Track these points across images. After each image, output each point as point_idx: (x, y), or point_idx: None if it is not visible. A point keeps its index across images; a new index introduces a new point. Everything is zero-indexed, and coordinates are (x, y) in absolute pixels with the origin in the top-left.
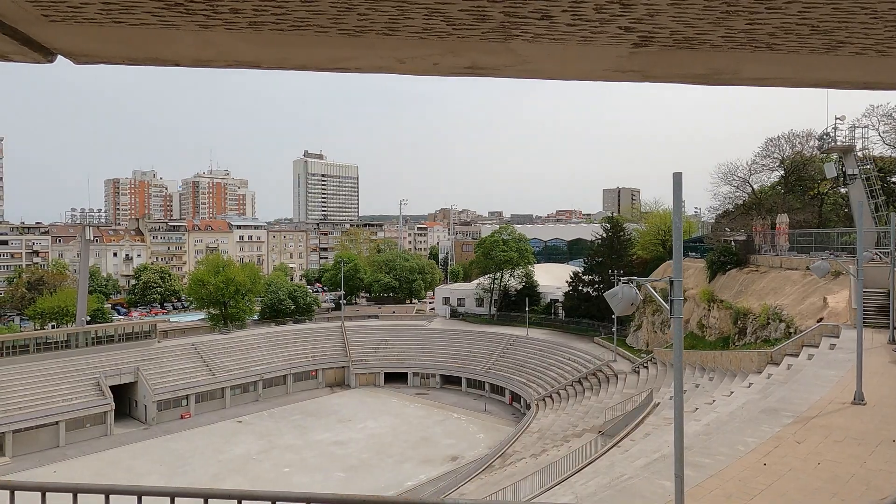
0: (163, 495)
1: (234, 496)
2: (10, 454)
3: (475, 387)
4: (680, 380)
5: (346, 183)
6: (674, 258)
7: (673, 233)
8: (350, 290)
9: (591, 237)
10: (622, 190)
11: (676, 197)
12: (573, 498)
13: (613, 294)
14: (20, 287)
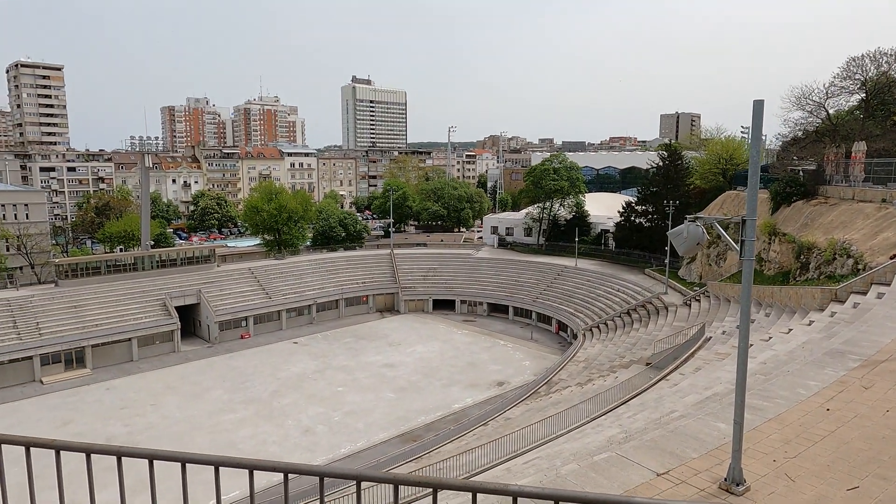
0: (173, 460)
1: (244, 465)
2: (90, 366)
3: (522, 315)
4: (747, 324)
5: (394, 109)
6: (748, 195)
7: (750, 167)
8: (399, 218)
9: (645, 165)
10: (681, 115)
11: (756, 127)
12: (619, 431)
13: (678, 233)
14: (89, 212)
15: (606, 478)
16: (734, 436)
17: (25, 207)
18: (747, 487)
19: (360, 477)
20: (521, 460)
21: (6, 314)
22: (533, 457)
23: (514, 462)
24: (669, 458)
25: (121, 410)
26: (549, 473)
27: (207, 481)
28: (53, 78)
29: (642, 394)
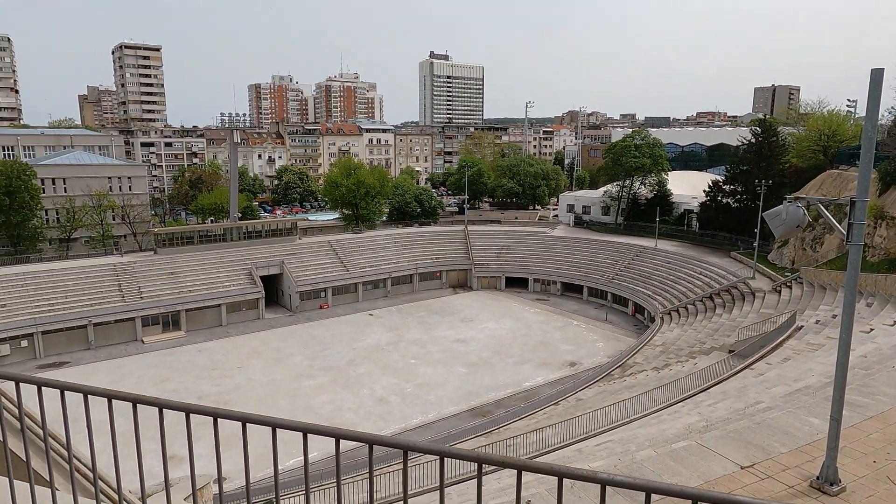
0: (264, 424)
1: (331, 434)
2: (184, 329)
3: (597, 296)
4: (851, 313)
5: (471, 85)
6: (860, 174)
7: (863, 143)
8: (473, 195)
9: (735, 142)
10: (778, 88)
11: (873, 98)
12: (699, 419)
13: (775, 214)
14: (184, 185)
15: (686, 467)
16: (830, 432)
17: (129, 180)
18: (842, 488)
19: (444, 453)
20: (593, 442)
21: (112, 278)
22: (605, 440)
23: (585, 444)
24: (755, 450)
25: (211, 371)
26: (624, 458)
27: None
28: (153, 58)
29: (724, 382)
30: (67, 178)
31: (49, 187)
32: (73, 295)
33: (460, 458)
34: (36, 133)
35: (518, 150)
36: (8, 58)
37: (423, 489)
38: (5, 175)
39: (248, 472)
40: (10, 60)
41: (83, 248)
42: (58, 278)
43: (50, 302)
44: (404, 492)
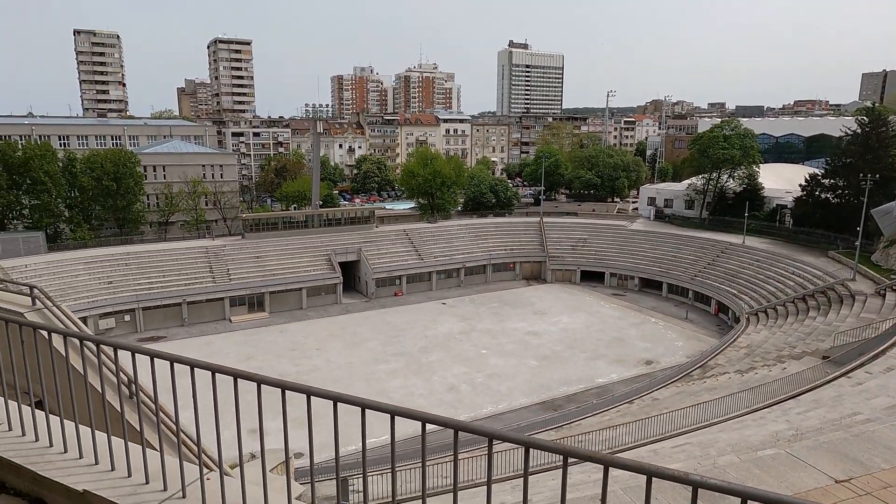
0: (355, 404)
1: (416, 417)
2: (268, 310)
3: (677, 293)
4: None
5: (550, 74)
6: None
7: None
8: (550, 186)
9: (838, 133)
10: (889, 73)
11: None
12: (787, 427)
13: (886, 211)
14: (270, 173)
15: (773, 476)
16: None
17: (220, 168)
18: None
19: (529, 443)
20: (669, 444)
21: (204, 261)
22: (682, 442)
23: (660, 445)
24: (852, 464)
25: (291, 351)
26: (704, 462)
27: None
28: (243, 52)
29: (817, 389)
30: (166, 165)
31: (150, 174)
32: (170, 274)
33: (545, 450)
34: (140, 124)
35: (597, 141)
36: (117, 54)
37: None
38: (113, 162)
39: (337, 449)
40: (119, 56)
41: (179, 231)
42: (157, 259)
43: (150, 280)
44: (488, 479)
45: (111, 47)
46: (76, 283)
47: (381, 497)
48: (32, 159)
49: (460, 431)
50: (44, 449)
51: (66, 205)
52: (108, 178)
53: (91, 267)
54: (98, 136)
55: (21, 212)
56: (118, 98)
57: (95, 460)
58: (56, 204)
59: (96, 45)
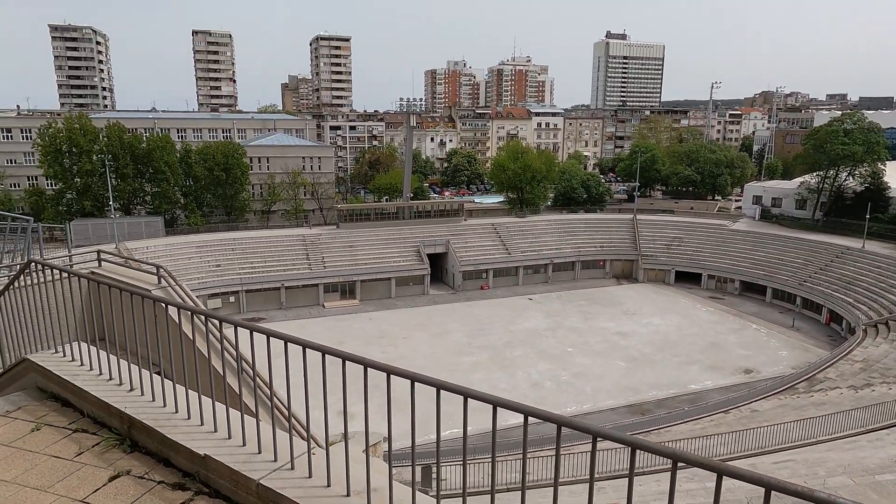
0: (457, 393)
1: (488, 400)
2: (358, 298)
3: (783, 299)
4: None
5: (649, 65)
6: None
7: None
8: (645, 182)
9: None
10: None
11: None
12: None
13: None
14: (363, 165)
15: None
16: None
17: (318, 160)
18: None
19: (637, 444)
20: (769, 459)
21: (301, 248)
22: (784, 458)
23: (759, 459)
24: None
25: (379, 339)
26: (812, 482)
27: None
28: (343, 48)
29: None
30: (270, 157)
31: (255, 165)
32: (270, 260)
33: (653, 452)
34: (247, 118)
35: (699, 135)
36: (229, 52)
37: (574, 479)
38: (223, 154)
39: (465, 438)
40: (230, 55)
41: (279, 219)
42: (259, 245)
43: (252, 265)
44: (591, 476)
45: (224, 46)
46: (188, 265)
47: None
48: (155, 150)
49: (563, 427)
50: (170, 414)
51: (182, 192)
52: (218, 168)
53: (201, 250)
54: (210, 129)
55: (144, 198)
56: (229, 94)
57: (214, 428)
58: (173, 192)
59: (211, 44)
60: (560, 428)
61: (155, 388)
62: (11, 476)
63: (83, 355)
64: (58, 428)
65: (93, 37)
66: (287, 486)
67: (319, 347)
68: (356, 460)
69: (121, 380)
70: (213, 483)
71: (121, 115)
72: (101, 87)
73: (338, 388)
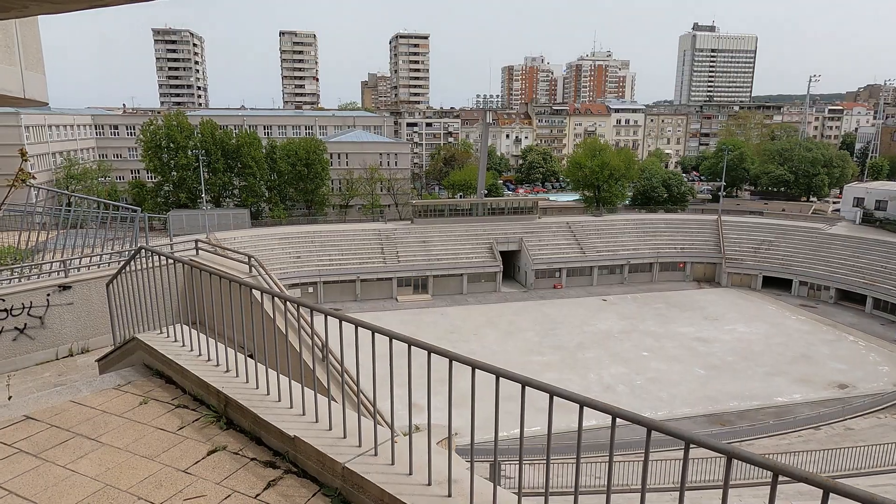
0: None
1: (576, 399)
2: (431, 293)
3: (885, 310)
4: None
5: (739, 58)
6: None
7: None
8: (731, 182)
9: None
10: None
11: None
12: None
13: None
14: (439, 162)
15: None
16: None
17: (395, 156)
18: None
19: (734, 454)
20: (866, 482)
21: (377, 242)
22: (883, 482)
23: (854, 481)
24: None
25: (450, 334)
26: None
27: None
28: (421, 46)
29: None
30: (349, 153)
31: (335, 161)
32: (347, 253)
33: (751, 463)
34: (328, 115)
35: (793, 132)
36: (313, 52)
37: (658, 486)
38: (305, 149)
39: (549, 435)
40: (314, 54)
41: (356, 214)
42: (336, 238)
43: (330, 257)
44: (682, 484)
45: (308, 45)
46: (272, 255)
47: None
48: (243, 146)
49: (653, 431)
50: (262, 396)
51: (267, 187)
52: (300, 163)
53: (284, 242)
54: (294, 126)
55: (232, 191)
56: (312, 92)
57: (303, 411)
58: (259, 185)
59: (296, 44)
60: (650, 432)
61: (249, 371)
62: (123, 444)
63: (184, 336)
64: (162, 402)
65: (190, 39)
66: (371, 472)
67: (406, 339)
68: (436, 451)
69: (217, 361)
70: (301, 463)
71: (213, 113)
72: (196, 87)
73: (416, 379)
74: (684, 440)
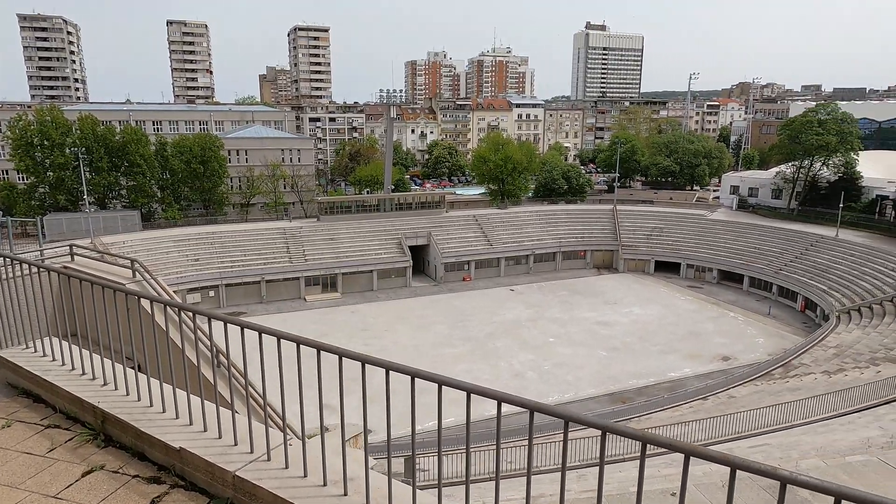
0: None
1: (462, 387)
2: (340, 291)
3: (759, 287)
4: None
5: (628, 56)
6: None
7: None
8: (625, 173)
9: None
10: None
11: None
12: (881, 433)
13: None
14: (344, 158)
15: (863, 484)
16: None
17: (298, 152)
18: None
19: (608, 428)
20: (745, 444)
21: (282, 241)
22: (760, 442)
23: (735, 444)
24: None
25: (362, 331)
26: (785, 465)
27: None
28: (321, 39)
29: None
30: (248, 149)
31: (234, 158)
32: (251, 254)
33: (623, 435)
34: (224, 110)
35: (677, 126)
36: (205, 43)
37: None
38: (200, 146)
39: (440, 427)
40: (207, 45)
41: (259, 212)
42: (238, 238)
43: (232, 259)
44: (563, 463)
45: (200, 36)
46: (167, 259)
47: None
48: (129, 143)
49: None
50: (145, 408)
51: (159, 186)
52: (195, 161)
53: (180, 244)
54: (187, 121)
55: (119, 192)
56: (205, 85)
57: (190, 421)
58: (150, 185)
59: (186, 34)
60: (532, 413)
61: (129, 383)
62: None
63: (55, 351)
64: (29, 424)
65: (63, 27)
66: (263, 478)
67: (294, 338)
68: (335, 452)
69: (94, 374)
70: (189, 476)
71: (94, 108)
72: (72, 79)
73: (317, 380)
74: (564, 419)
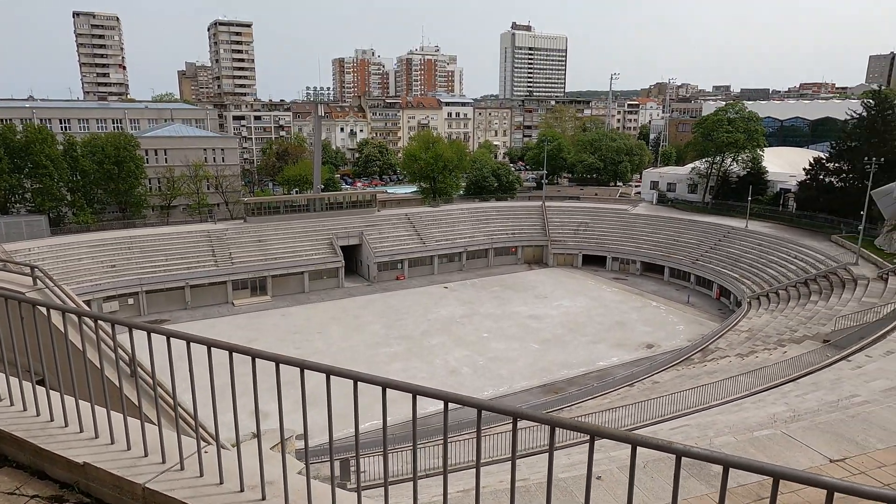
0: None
1: (377, 382)
2: (270, 294)
3: (679, 277)
4: None
5: (553, 56)
6: None
7: None
8: (552, 170)
9: (843, 116)
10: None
11: None
12: (786, 409)
13: (887, 192)
14: (271, 157)
15: (768, 456)
16: None
17: (222, 152)
18: None
19: (518, 414)
20: (668, 426)
21: (206, 244)
22: (681, 424)
23: (659, 427)
24: (847, 444)
25: (293, 335)
26: (701, 442)
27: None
28: (244, 34)
29: (816, 373)
30: (168, 149)
31: (152, 158)
32: (173, 258)
33: (533, 420)
34: (140, 107)
35: (601, 125)
36: (117, 37)
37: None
38: (114, 146)
39: (385, 428)
40: (119, 39)
41: (181, 215)
42: (159, 242)
43: (153, 264)
44: (477, 454)
45: (111, 30)
46: (79, 266)
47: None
48: (33, 143)
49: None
50: (45, 423)
51: (68, 188)
52: (109, 161)
53: (94, 250)
54: (99, 119)
55: (23, 195)
56: (119, 81)
57: (95, 434)
58: (58, 188)
59: (96, 27)
60: (480, 412)
61: (27, 398)
62: None
63: None
64: None
65: None
66: (176, 488)
67: (204, 340)
68: (266, 458)
69: None
70: (95, 492)
71: None
72: None
73: (249, 387)
74: (512, 416)
